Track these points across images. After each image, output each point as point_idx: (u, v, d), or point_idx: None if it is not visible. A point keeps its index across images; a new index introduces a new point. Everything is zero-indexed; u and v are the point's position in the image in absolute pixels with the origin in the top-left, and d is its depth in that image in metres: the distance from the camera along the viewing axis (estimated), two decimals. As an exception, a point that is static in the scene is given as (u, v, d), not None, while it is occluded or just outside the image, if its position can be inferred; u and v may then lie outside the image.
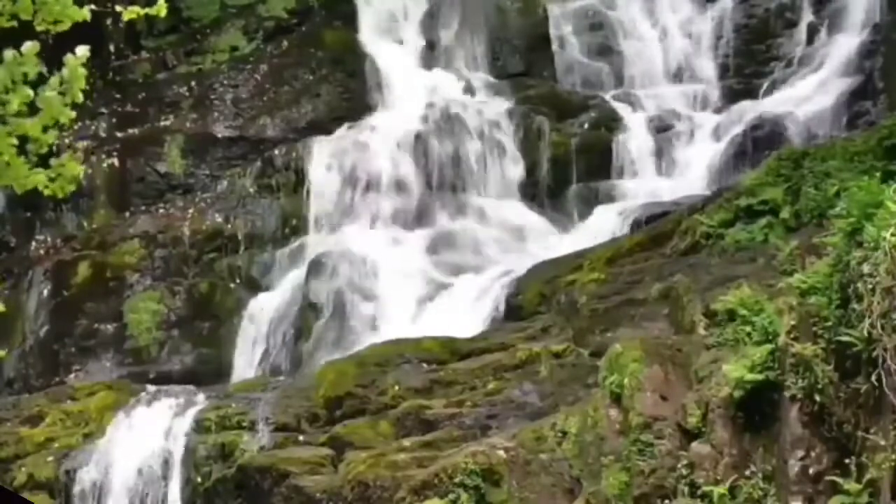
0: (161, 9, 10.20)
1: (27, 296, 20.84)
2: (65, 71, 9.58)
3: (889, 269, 11.52)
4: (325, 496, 15.08)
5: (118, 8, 10.18)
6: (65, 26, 9.73)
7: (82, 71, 9.65)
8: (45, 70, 9.64)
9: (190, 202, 22.11)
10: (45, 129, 9.67)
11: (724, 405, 13.06)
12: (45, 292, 21.00)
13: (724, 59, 23.92)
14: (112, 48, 23.72)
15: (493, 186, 21.94)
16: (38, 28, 9.73)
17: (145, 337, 20.60)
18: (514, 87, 23.34)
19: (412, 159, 21.94)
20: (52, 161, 9.92)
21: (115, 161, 22.42)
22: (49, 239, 21.88)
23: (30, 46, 9.53)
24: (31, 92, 9.54)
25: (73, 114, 9.79)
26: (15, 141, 9.67)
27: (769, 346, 12.75)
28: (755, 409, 12.82)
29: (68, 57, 9.61)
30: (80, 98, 9.71)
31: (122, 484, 16.31)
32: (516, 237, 21.22)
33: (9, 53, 9.50)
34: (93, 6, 10.08)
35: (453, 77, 23.60)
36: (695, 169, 21.75)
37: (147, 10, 10.22)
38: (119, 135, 22.93)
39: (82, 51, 9.65)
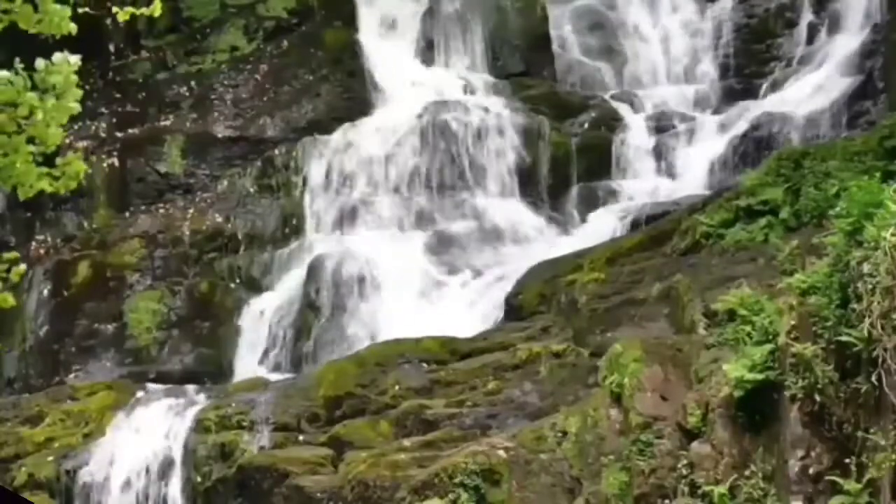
0: (156, 9, 10.20)
1: (27, 296, 20.82)
2: (57, 78, 9.57)
3: (889, 269, 11.53)
4: (325, 496, 15.08)
5: (114, 9, 10.17)
6: (58, 32, 9.73)
7: (74, 78, 9.66)
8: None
9: (190, 202, 22.10)
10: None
11: (725, 405, 13.07)
12: (45, 292, 20.99)
13: (724, 59, 23.92)
14: (112, 48, 23.70)
15: (492, 186, 21.92)
16: (32, 31, 9.72)
17: (145, 337, 20.59)
18: (514, 87, 23.33)
19: (412, 159, 21.94)
20: (58, 160, 9.95)
21: (115, 161, 22.41)
22: (49, 239, 21.87)
23: (60, 57, 9.56)
24: (34, 95, 9.55)
25: (65, 120, 9.80)
26: (33, 149, 9.71)
27: (769, 346, 12.75)
28: (755, 409, 12.83)
29: (63, 65, 9.61)
30: (77, 109, 9.70)
31: (122, 484, 16.32)
32: (516, 237, 21.21)
33: (41, 62, 9.51)
34: (87, 9, 10.08)
35: (453, 77, 23.59)
36: (695, 169, 21.75)
37: (143, 10, 10.22)
38: (119, 135, 22.91)
39: (74, 59, 9.66)
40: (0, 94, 9.45)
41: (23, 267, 10.26)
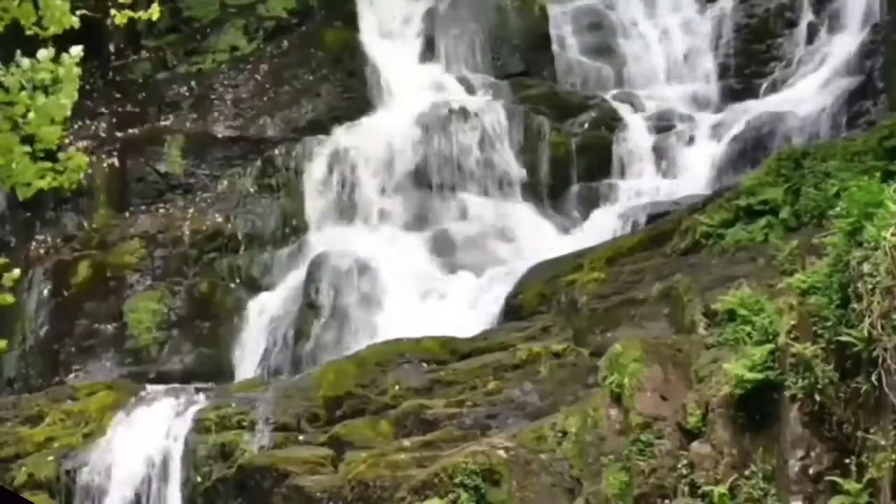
0: (154, 13, 10.23)
1: (27, 296, 20.83)
2: (44, 75, 9.58)
3: (889, 269, 11.53)
4: (325, 496, 15.07)
5: (112, 11, 10.19)
6: (52, 31, 9.74)
7: (77, 71, 9.68)
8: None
9: (190, 202, 22.10)
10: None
11: (725, 405, 13.07)
12: (45, 292, 20.99)
13: (724, 59, 23.93)
14: (112, 48, 23.71)
15: (493, 186, 21.94)
16: (28, 33, 9.73)
17: (145, 337, 20.59)
18: (514, 87, 23.35)
19: (412, 159, 21.94)
20: (60, 155, 9.98)
21: (115, 161, 22.41)
22: (49, 239, 21.86)
23: (45, 54, 9.57)
24: (25, 95, 9.56)
25: (69, 112, 9.81)
26: (28, 148, 9.72)
27: (769, 346, 12.75)
28: (755, 409, 12.83)
29: (64, 56, 9.63)
30: (68, 107, 9.72)
31: (122, 484, 16.31)
32: (516, 237, 21.21)
33: (26, 61, 9.54)
34: (86, 12, 10.10)
35: (453, 77, 23.60)
36: (695, 169, 21.76)
37: (141, 13, 10.24)
38: (119, 135, 22.91)
39: (76, 50, 9.67)
40: None
41: (16, 272, 10.26)
